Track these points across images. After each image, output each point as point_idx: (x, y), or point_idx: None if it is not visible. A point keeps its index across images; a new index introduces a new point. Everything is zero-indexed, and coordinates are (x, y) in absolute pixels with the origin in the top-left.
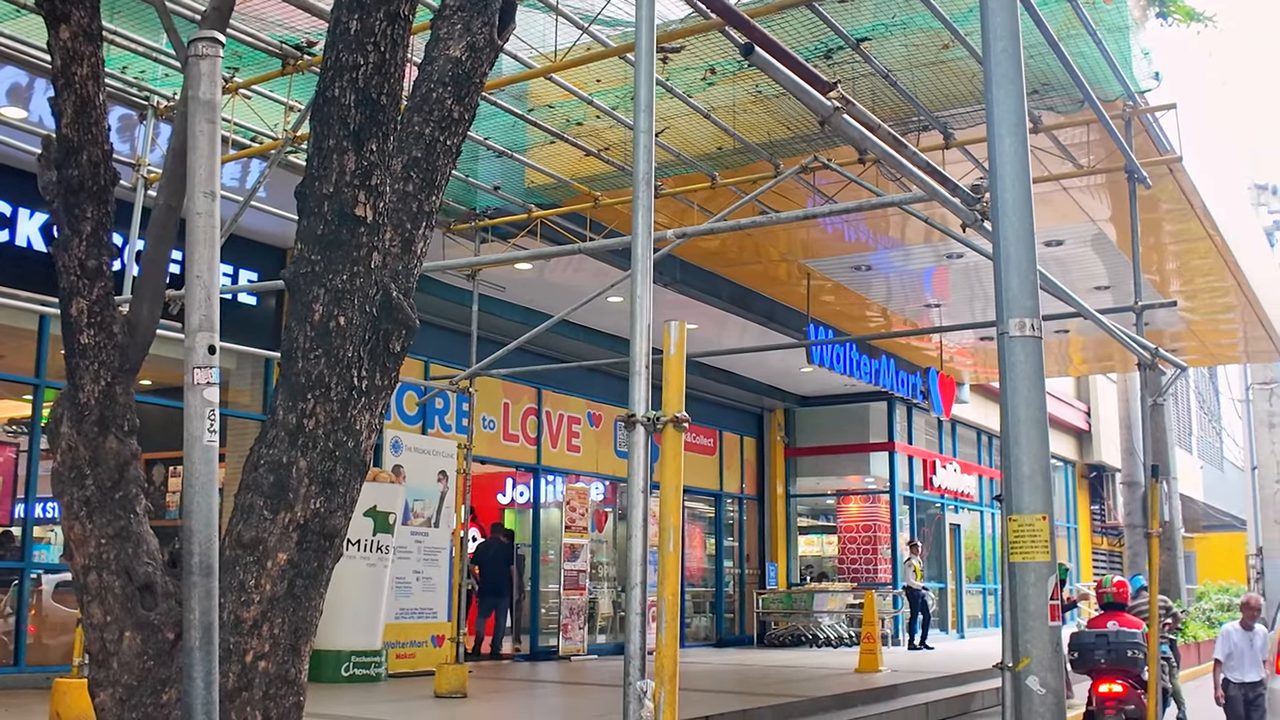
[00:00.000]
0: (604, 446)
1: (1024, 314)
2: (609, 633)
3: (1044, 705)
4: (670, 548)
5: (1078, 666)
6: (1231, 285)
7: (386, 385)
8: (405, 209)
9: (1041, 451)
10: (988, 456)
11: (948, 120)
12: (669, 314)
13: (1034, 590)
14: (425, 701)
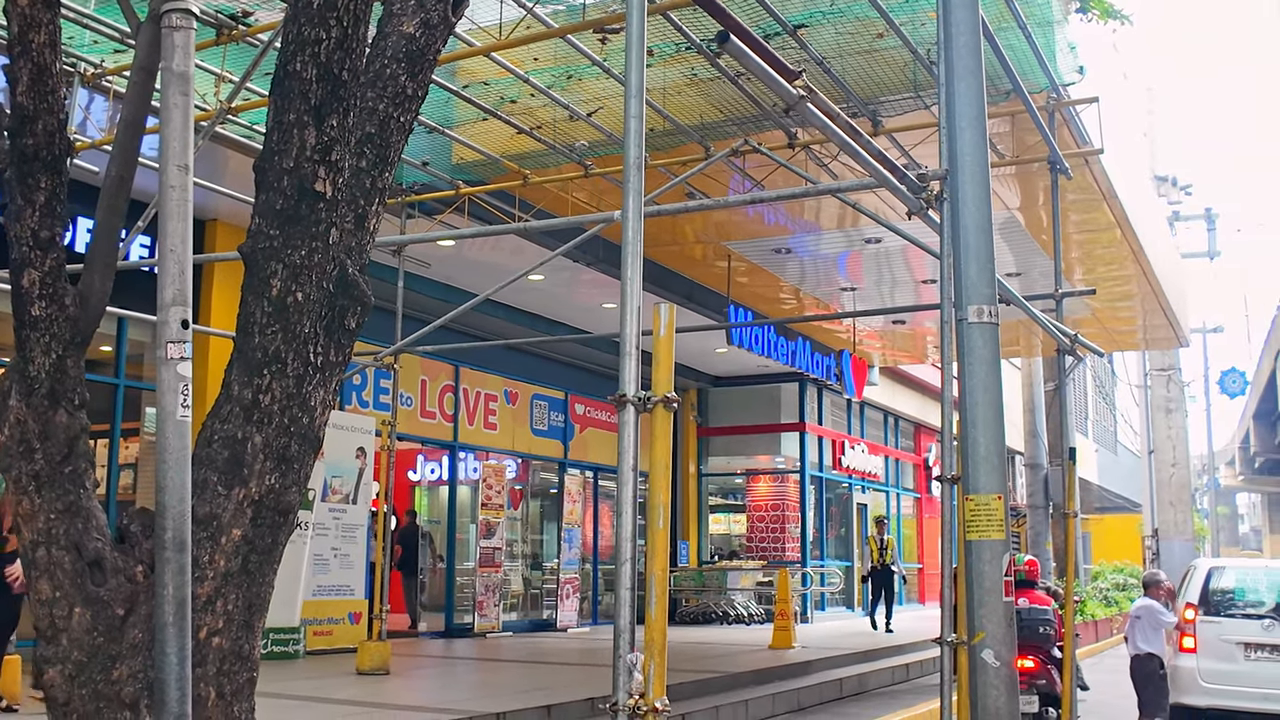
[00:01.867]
0: (520, 425)
1: (982, 301)
2: (522, 609)
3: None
4: (660, 525)
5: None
6: (1135, 274)
7: (341, 361)
8: (359, 185)
9: (997, 434)
10: (894, 438)
11: (876, 108)
12: (592, 294)
13: (989, 567)
14: (348, 679)
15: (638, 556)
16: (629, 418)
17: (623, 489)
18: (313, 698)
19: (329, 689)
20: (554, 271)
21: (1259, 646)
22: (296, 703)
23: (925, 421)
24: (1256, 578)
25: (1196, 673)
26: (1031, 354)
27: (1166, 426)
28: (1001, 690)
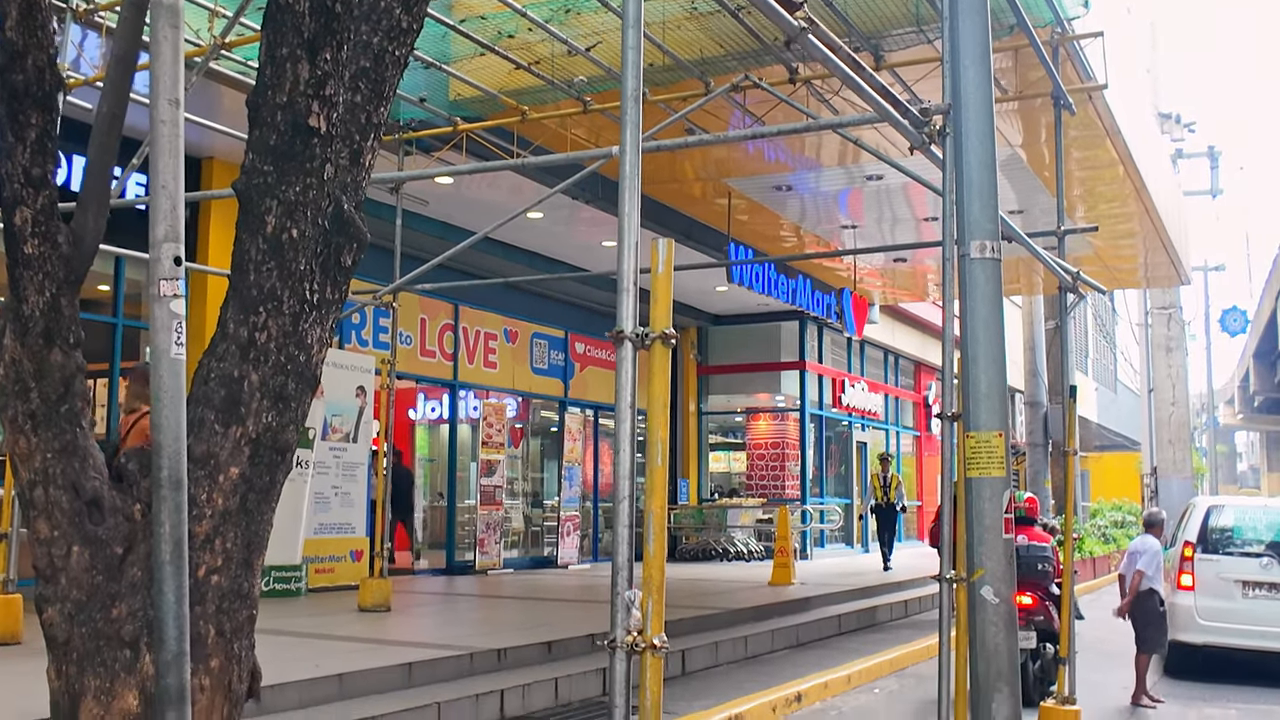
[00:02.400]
0: (520, 363)
1: (985, 236)
2: (523, 547)
3: (997, 614)
4: (659, 462)
5: None
6: (1137, 211)
7: (337, 299)
8: (354, 120)
9: (999, 371)
10: (894, 377)
11: (879, 42)
12: (591, 232)
13: (989, 504)
14: (350, 615)
15: (636, 494)
16: (626, 354)
17: (620, 426)
18: (314, 634)
19: (330, 626)
20: (552, 209)
21: (1256, 584)
22: (297, 639)
23: (925, 360)
24: (1255, 516)
25: (1194, 610)
26: (1032, 292)
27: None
28: (1000, 627)
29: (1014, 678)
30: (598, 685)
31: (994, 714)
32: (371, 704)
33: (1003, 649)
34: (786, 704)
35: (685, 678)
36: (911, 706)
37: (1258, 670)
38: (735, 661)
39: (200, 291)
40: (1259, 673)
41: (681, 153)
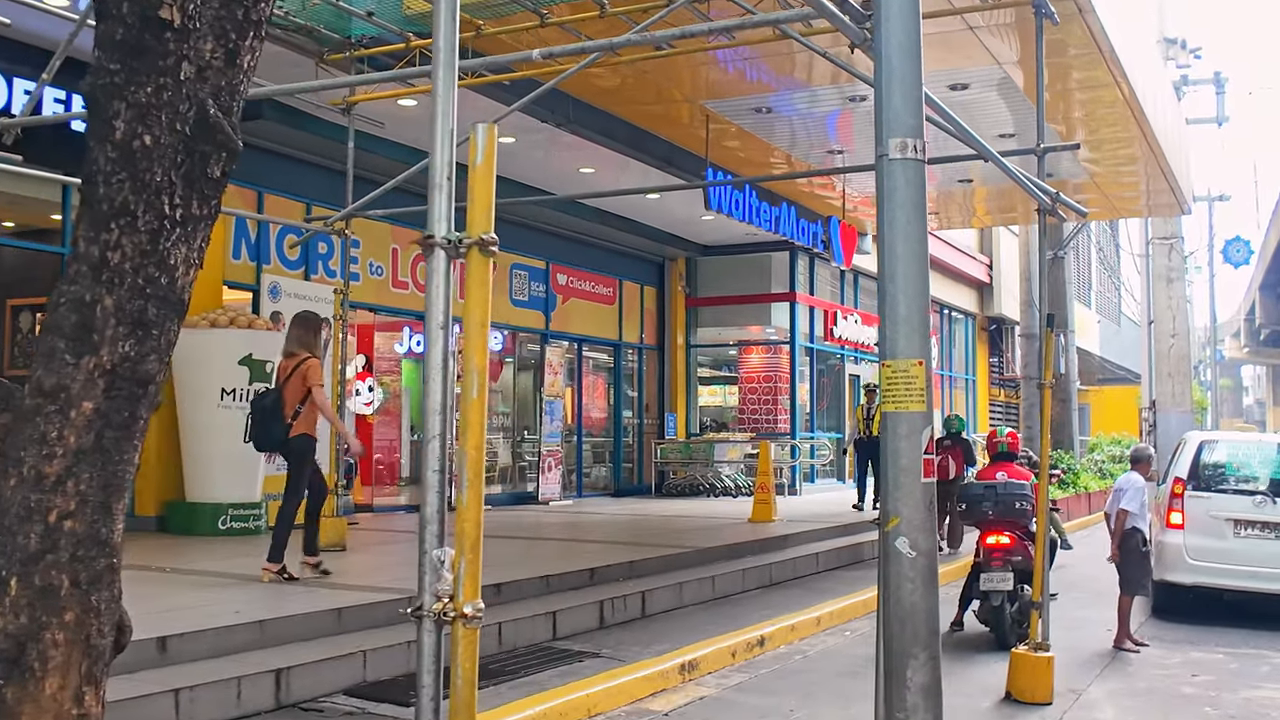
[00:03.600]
0: (499, 295)
1: (906, 134)
2: (503, 483)
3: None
4: (474, 394)
5: (966, 518)
6: (1136, 136)
7: (206, 214)
8: (229, 17)
9: (921, 290)
10: None
11: None
12: (568, 157)
13: (906, 443)
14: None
15: (449, 428)
16: (439, 264)
17: (431, 349)
18: (253, 576)
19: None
20: (525, 133)
21: (1249, 523)
22: (233, 582)
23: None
24: (1249, 452)
25: (1183, 549)
26: (1028, 221)
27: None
28: (918, 584)
29: (933, 641)
30: (547, 629)
31: (909, 682)
32: (292, 652)
33: (920, 609)
34: (748, 648)
35: (645, 620)
36: None
37: (1247, 611)
38: (702, 603)
39: None
40: (1248, 614)
41: (661, 75)
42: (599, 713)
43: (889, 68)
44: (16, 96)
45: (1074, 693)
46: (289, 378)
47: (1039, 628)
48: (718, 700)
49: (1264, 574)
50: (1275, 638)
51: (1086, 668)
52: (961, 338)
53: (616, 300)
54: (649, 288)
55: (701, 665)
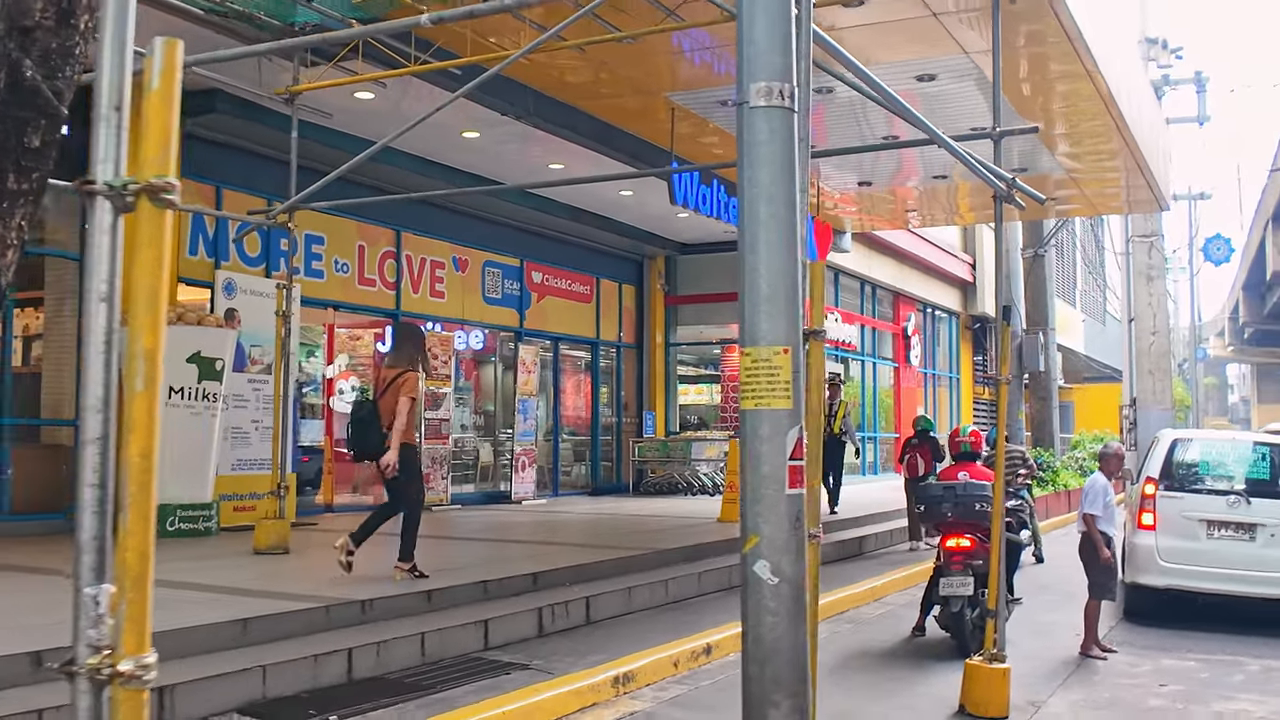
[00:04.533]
0: (471, 293)
1: (771, 76)
2: (476, 482)
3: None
4: (140, 385)
5: (925, 520)
6: (1114, 132)
7: (27, 190)
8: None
9: (788, 265)
10: (871, 307)
11: None
12: (534, 152)
13: (768, 446)
14: (240, 558)
15: (108, 434)
16: (102, 216)
17: (91, 324)
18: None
19: (202, 572)
20: (489, 127)
21: (1223, 524)
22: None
23: (904, 290)
24: (1224, 451)
25: (1155, 551)
26: (1009, 218)
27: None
28: (781, 617)
29: (799, 685)
30: (478, 639)
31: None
32: (186, 666)
33: (784, 647)
34: (693, 657)
35: (590, 628)
36: (833, 657)
37: (1222, 615)
38: (654, 607)
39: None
40: (1223, 618)
41: (625, 66)
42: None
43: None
44: None
45: (1033, 705)
46: (387, 389)
47: (995, 637)
48: (650, 716)
49: (1238, 576)
50: (1250, 643)
51: (1050, 676)
52: (945, 336)
53: (594, 298)
54: (628, 286)
55: (638, 677)
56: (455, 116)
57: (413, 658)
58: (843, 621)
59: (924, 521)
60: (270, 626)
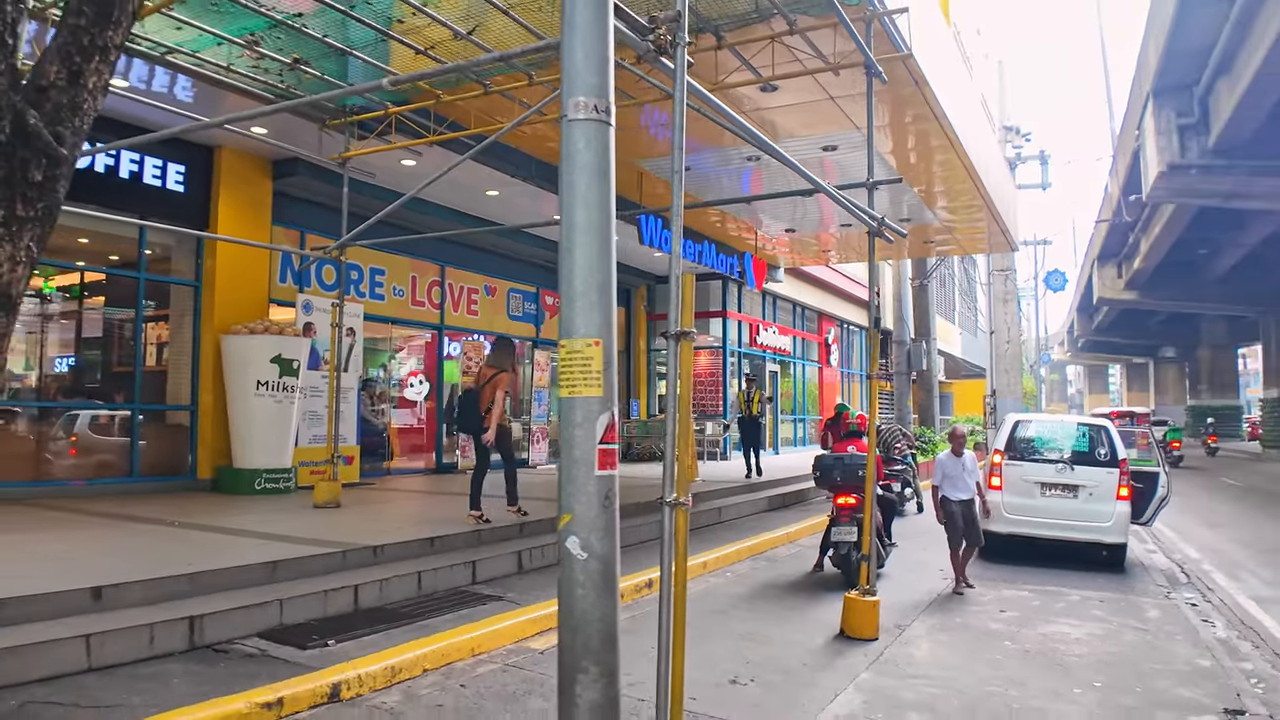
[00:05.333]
0: (498, 312)
1: (588, 93)
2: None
3: (586, 574)
4: None
5: (820, 484)
6: (977, 194)
7: (34, 216)
8: (75, 43)
9: (601, 263)
10: (801, 322)
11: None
12: (544, 206)
13: (580, 431)
14: (300, 511)
15: None
16: None
17: None
18: (236, 530)
19: (264, 523)
20: (505, 187)
21: (1052, 486)
22: (216, 535)
23: (825, 310)
24: (1054, 429)
25: (1002, 506)
26: (900, 256)
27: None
28: (589, 590)
29: (608, 653)
30: (467, 575)
31: (578, 699)
32: (217, 600)
33: (593, 617)
34: (636, 590)
35: (543, 571)
36: (748, 589)
37: (1053, 554)
38: None
39: (212, 254)
40: (1054, 556)
41: None
42: (481, 652)
43: (571, 21)
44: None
45: (899, 628)
46: (486, 383)
47: (867, 576)
48: None
49: (1063, 524)
50: (1072, 576)
51: (916, 605)
52: (857, 344)
53: None
54: (619, 308)
55: None
56: (479, 179)
57: (410, 591)
58: (763, 560)
59: (820, 485)
60: (295, 567)
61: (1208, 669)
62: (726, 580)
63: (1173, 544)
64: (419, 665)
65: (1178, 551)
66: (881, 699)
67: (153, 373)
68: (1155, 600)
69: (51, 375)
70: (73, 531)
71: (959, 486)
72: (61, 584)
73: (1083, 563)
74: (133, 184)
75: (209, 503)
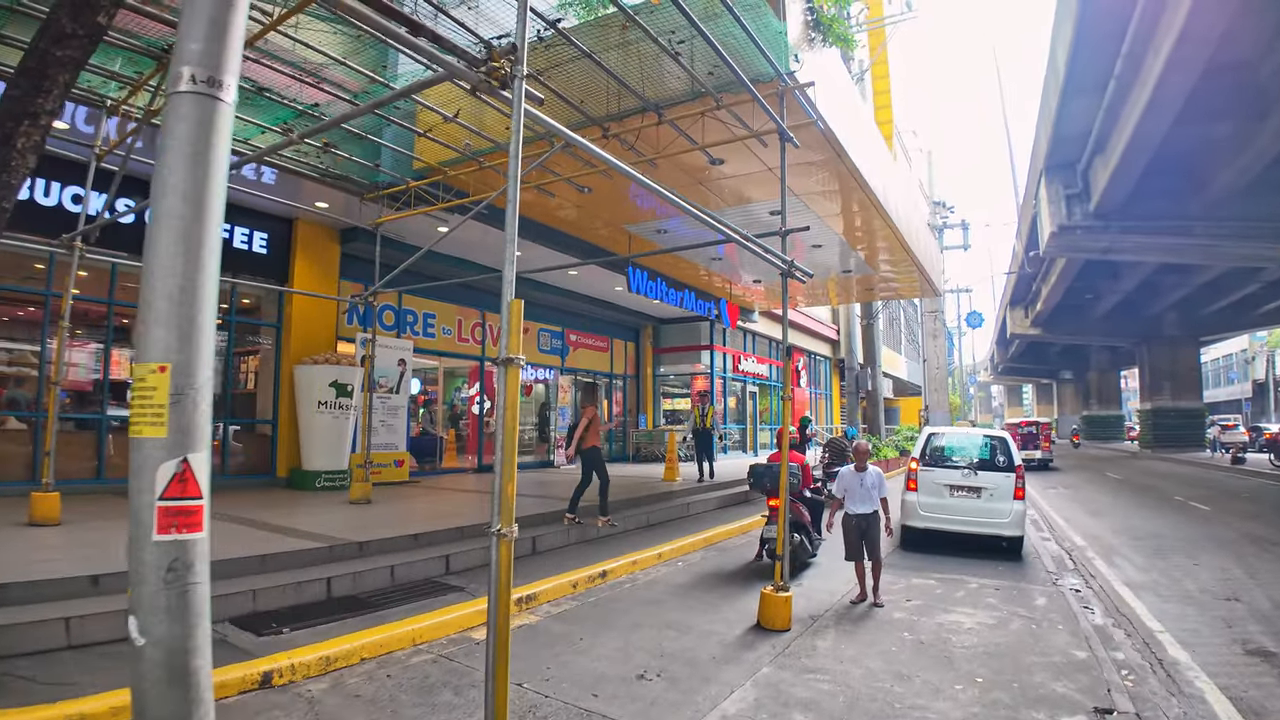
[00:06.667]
0: (530, 347)
1: (199, 63)
2: (534, 454)
3: (147, 664)
4: None
5: (755, 488)
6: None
7: None
8: (8, 111)
9: (182, 265)
10: (775, 353)
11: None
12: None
13: (137, 483)
14: (334, 506)
15: None
16: None
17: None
18: (265, 525)
19: (294, 516)
20: (525, 247)
21: (959, 488)
22: (244, 528)
23: (794, 344)
24: (963, 440)
25: (917, 505)
26: (849, 300)
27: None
28: (153, 685)
29: None
30: (440, 567)
31: None
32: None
33: (161, 717)
34: (589, 580)
35: (535, 557)
36: (691, 578)
37: (959, 545)
38: (585, 542)
39: (289, 309)
40: (960, 546)
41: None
42: (422, 642)
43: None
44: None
45: (812, 619)
46: (582, 417)
47: (781, 573)
48: (532, 629)
49: (967, 520)
50: (973, 566)
51: (833, 595)
52: (824, 371)
53: (609, 350)
54: (630, 343)
55: (540, 597)
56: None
57: (383, 582)
58: (714, 550)
59: (754, 489)
60: (285, 559)
61: (1083, 661)
62: (676, 569)
63: (1063, 532)
64: (356, 654)
65: (1067, 539)
66: (772, 697)
67: (241, 395)
68: (1043, 588)
69: None
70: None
71: (858, 500)
72: (69, 571)
73: (984, 552)
74: (224, 249)
75: (268, 498)
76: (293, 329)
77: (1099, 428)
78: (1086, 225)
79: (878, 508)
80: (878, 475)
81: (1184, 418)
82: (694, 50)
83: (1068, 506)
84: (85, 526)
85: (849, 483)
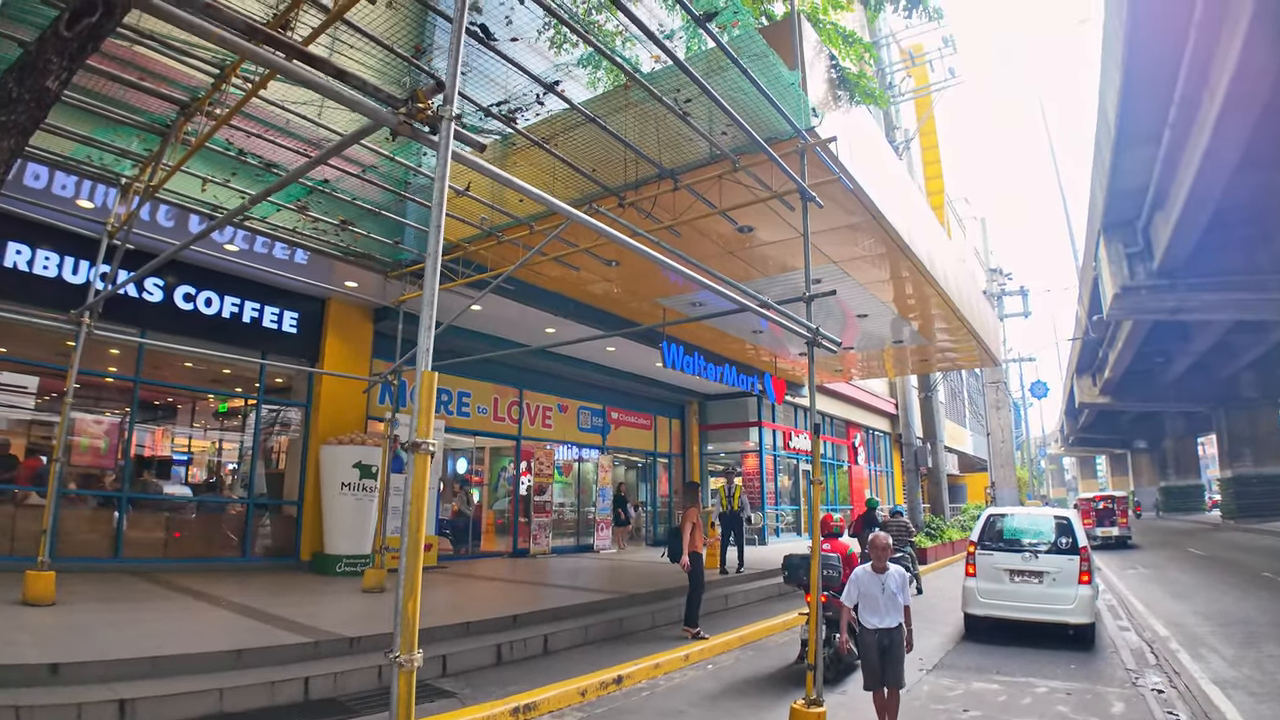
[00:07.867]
0: (569, 425)
1: None
2: (572, 537)
3: None
4: None
5: (789, 581)
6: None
7: None
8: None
9: None
10: (830, 430)
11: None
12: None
13: None
14: (345, 595)
15: None
16: None
17: None
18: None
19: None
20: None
21: (1019, 573)
22: (231, 615)
23: (851, 419)
24: (1022, 522)
25: (976, 591)
26: (905, 372)
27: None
28: None
29: None
30: (437, 669)
31: None
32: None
33: None
34: (602, 686)
35: (546, 657)
36: (720, 685)
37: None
38: (607, 640)
39: (320, 379)
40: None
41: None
42: None
43: None
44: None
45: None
46: (684, 521)
47: (814, 685)
48: None
49: (1029, 607)
50: (1043, 661)
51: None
52: (884, 447)
53: (652, 427)
54: (675, 419)
55: (541, 707)
56: (539, 319)
57: (369, 684)
58: (750, 649)
59: (789, 583)
60: (263, 655)
61: None
62: (705, 674)
63: (1144, 619)
64: None
65: (1148, 628)
66: None
67: (272, 474)
68: (1121, 689)
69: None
70: (127, 604)
71: (877, 611)
72: (31, 658)
73: (1058, 641)
74: (253, 328)
75: (282, 583)
76: (321, 408)
77: (1178, 499)
78: (1151, 285)
79: (901, 620)
80: (901, 577)
81: (1268, 484)
82: (710, 111)
83: (1147, 588)
84: (78, 609)
85: (866, 587)
